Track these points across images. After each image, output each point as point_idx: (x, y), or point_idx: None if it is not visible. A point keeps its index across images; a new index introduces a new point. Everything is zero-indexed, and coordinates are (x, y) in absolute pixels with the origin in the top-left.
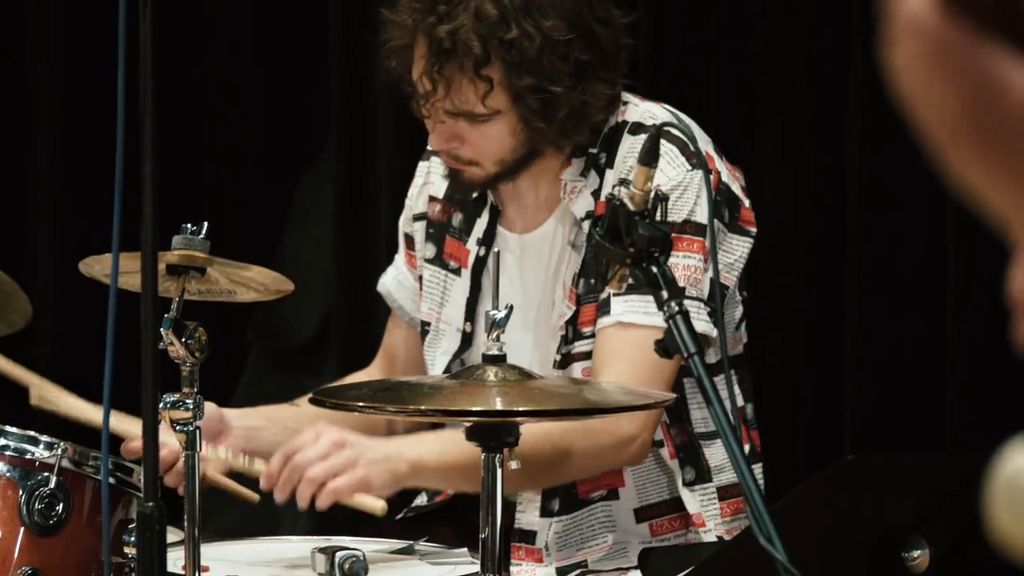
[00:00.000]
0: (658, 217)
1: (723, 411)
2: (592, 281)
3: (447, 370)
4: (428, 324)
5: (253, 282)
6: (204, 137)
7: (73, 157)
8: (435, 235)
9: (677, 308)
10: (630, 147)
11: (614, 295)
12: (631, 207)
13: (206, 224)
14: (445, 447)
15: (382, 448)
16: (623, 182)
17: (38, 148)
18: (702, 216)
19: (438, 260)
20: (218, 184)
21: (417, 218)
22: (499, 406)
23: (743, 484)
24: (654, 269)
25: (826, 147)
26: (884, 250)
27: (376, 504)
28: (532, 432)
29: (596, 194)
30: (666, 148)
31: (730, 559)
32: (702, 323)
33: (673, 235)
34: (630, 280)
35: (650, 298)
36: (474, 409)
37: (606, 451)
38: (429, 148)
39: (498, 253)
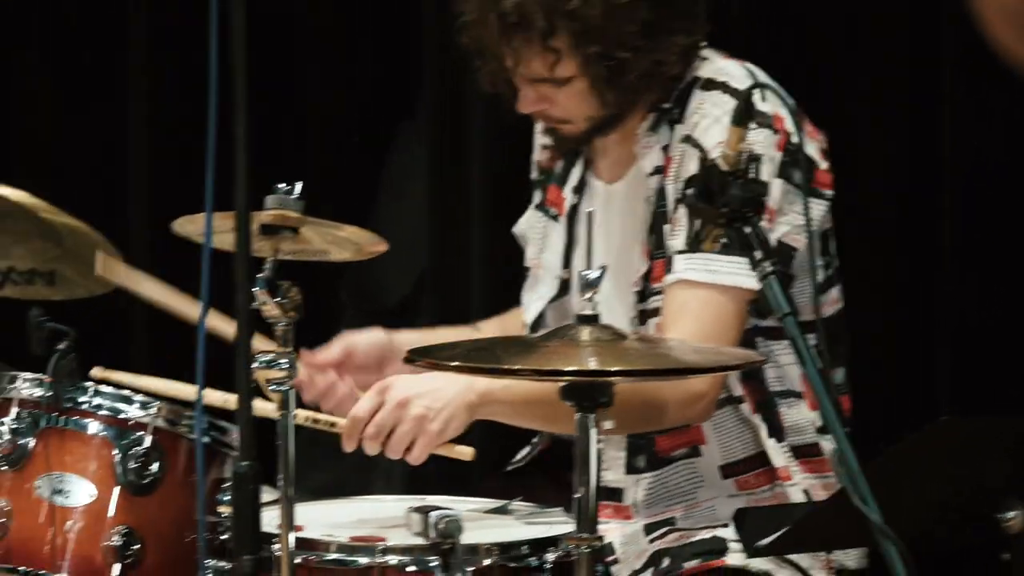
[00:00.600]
0: (751, 177)
1: (817, 372)
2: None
3: (541, 315)
4: (528, 269)
5: (347, 242)
6: (297, 96)
7: (167, 117)
8: (541, 182)
9: (771, 268)
10: (699, 103)
11: (677, 253)
12: (724, 167)
13: (299, 184)
14: (513, 380)
15: (450, 386)
16: (687, 139)
17: (132, 109)
18: (767, 175)
19: (541, 207)
20: (312, 144)
21: (538, 163)
22: (593, 366)
23: (838, 444)
24: (747, 229)
25: (919, 89)
26: (978, 211)
27: (465, 451)
28: None
29: (666, 149)
30: (732, 106)
31: (824, 519)
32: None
33: None
34: (724, 240)
35: (710, 256)
36: (567, 369)
37: (673, 406)
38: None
39: (591, 213)
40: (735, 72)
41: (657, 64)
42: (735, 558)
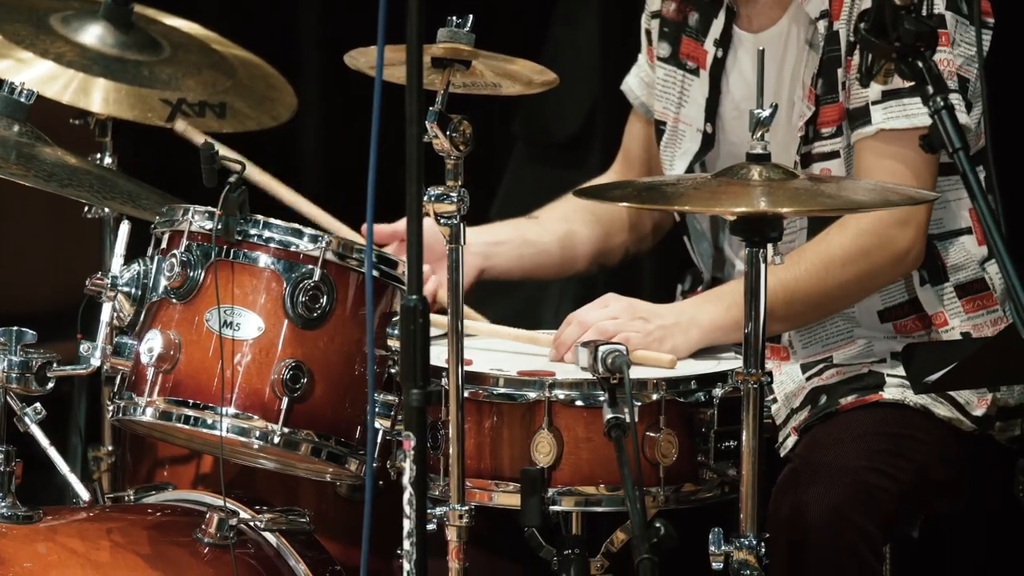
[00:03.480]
0: (924, 12)
1: (987, 206)
2: (843, 79)
3: (689, 170)
4: (663, 124)
5: (518, 75)
6: None
7: None
8: (670, 34)
9: (943, 103)
10: None
11: (872, 103)
12: (897, 1)
13: (471, 17)
14: (732, 305)
15: (671, 315)
16: None
17: None
18: (944, 7)
19: (674, 60)
20: None
21: (654, 15)
22: (763, 206)
23: (1006, 279)
24: (920, 63)
25: None
26: None
27: (664, 358)
28: (815, 268)
29: None
30: None
31: (991, 355)
32: (963, 116)
33: None
34: (896, 75)
35: (907, 100)
36: (738, 210)
37: (885, 269)
38: None
39: (762, 51)
40: None
41: None
42: (892, 392)
